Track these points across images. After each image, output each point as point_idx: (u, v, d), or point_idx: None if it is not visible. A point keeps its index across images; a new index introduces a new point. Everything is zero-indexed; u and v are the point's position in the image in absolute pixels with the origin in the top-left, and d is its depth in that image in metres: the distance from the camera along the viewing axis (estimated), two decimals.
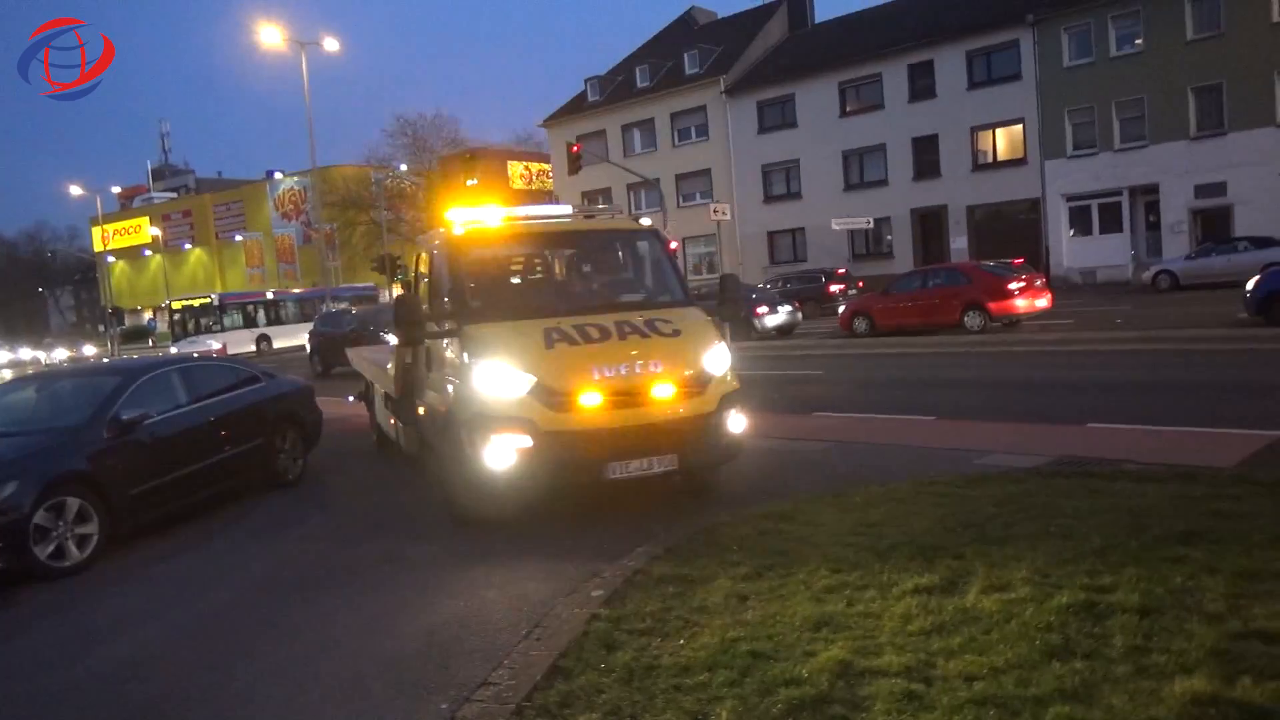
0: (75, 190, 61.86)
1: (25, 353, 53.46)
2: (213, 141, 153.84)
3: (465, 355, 6.98)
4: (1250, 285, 16.82)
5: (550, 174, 55.59)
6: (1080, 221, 34.50)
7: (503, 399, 6.70)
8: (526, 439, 6.56)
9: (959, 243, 36.64)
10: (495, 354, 6.84)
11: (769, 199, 43.10)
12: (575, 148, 35.25)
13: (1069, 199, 34.37)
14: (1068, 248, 34.55)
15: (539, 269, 8.98)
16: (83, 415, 7.81)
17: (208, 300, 33.38)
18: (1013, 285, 20.72)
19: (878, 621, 4.39)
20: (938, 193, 37.35)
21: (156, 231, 69.66)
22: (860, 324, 22.94)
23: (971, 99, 36.14)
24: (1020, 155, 35.49)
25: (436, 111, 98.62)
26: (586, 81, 50.83)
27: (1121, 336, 17.41)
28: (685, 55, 46.03)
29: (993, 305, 20.50)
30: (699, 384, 6.97)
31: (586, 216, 8.90)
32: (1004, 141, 36.34)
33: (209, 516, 8.59)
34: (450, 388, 7.30)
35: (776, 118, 42.56)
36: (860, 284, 32.78)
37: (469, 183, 35.72)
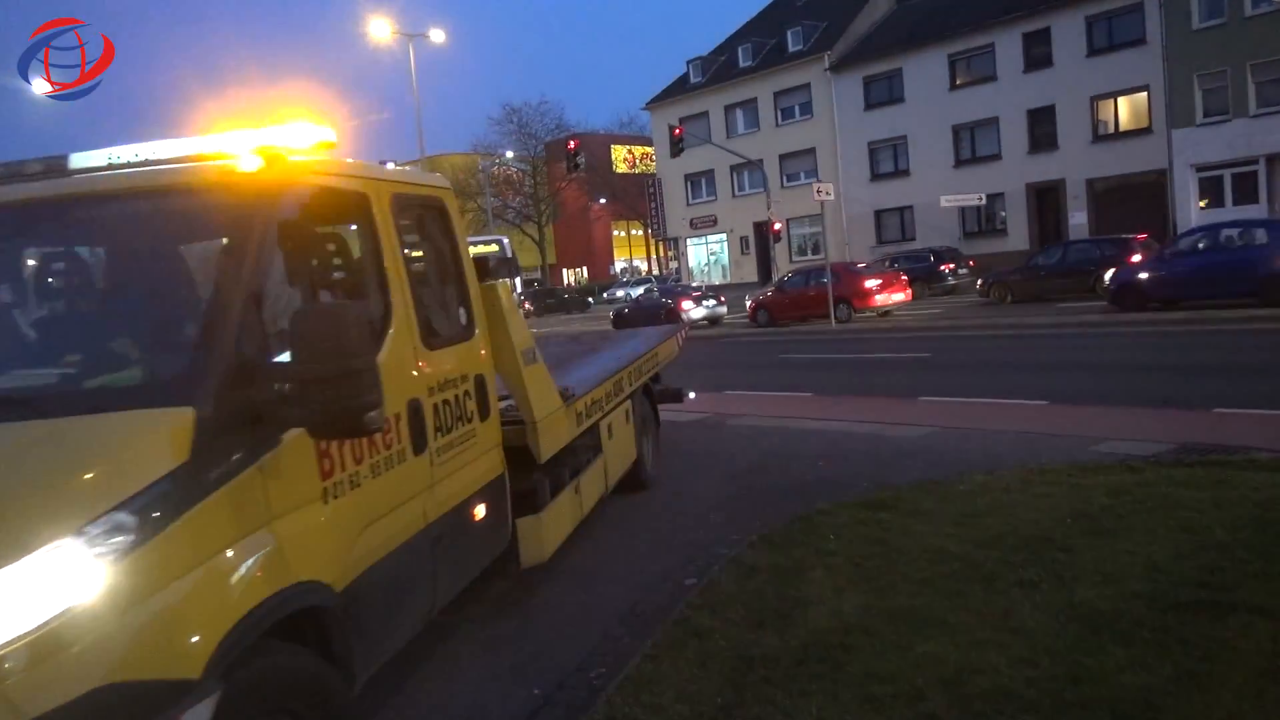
0: None
1: None
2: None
3: None
4: None
5: (653, 157, 55.59)
6: (1212, 192, 32.53)
7: None
8: None
9: (1078, 218, 35.04)
10: None
11: (876, 177, 42.08)
12: (677, 130, 35.12)
13: (1199, 169, 32.43)
14: (1198, 221, 32.49)
15: None
16: None
17: None
18: (870, 284, 24.52)
19: (978, 616, 4.24)
20: (1055, 166, 35.77)
21: None
22: (762, 316, 26.64)
23: (1091, 67, 34.38)
24: (1145, 124, 33.63)
25: (541, 98, 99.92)
26: (689, 63, 50.55)
27: (1255, 315, 16.35)
28: (788, 33, 45.22)
29: (855, 300, 24.37)
30: None
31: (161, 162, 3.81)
32: (1126, 110, 34.52)
33: None
34: None
35: (883, 93, 41.47)
36: (971, 263, 31.81)
37: (576, 164, 35.96)
